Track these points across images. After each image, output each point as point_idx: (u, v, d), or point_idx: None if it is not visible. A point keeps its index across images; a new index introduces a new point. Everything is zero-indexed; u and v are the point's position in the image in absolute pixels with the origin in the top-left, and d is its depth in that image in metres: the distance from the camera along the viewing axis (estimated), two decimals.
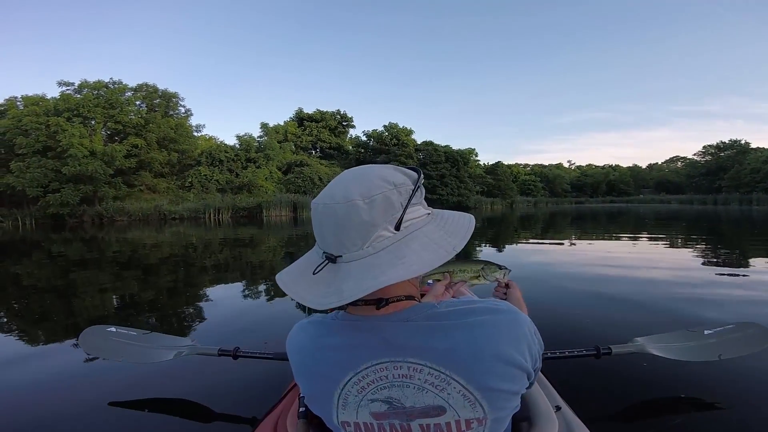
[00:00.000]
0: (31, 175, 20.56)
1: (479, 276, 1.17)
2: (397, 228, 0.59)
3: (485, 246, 8.99)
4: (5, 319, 3.60)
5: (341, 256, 0.59)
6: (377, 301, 0.62)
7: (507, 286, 1.17)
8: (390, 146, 35.80)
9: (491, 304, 0.63)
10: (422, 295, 1.23)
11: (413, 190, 0.61)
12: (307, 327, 0.70)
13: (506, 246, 8.92)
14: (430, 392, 0.60)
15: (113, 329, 1.89)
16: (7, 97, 23.96)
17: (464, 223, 0.67)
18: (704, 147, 60.48)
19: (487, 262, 1.18)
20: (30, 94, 23.80)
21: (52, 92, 27.11)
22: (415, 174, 0.64)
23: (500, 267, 1.17)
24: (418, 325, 0.60)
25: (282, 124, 39.22)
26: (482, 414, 0.60)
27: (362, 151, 39.51)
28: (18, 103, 23.47)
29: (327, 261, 0.60)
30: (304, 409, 0.88)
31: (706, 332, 1.69)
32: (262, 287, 4.79)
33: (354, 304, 0.64)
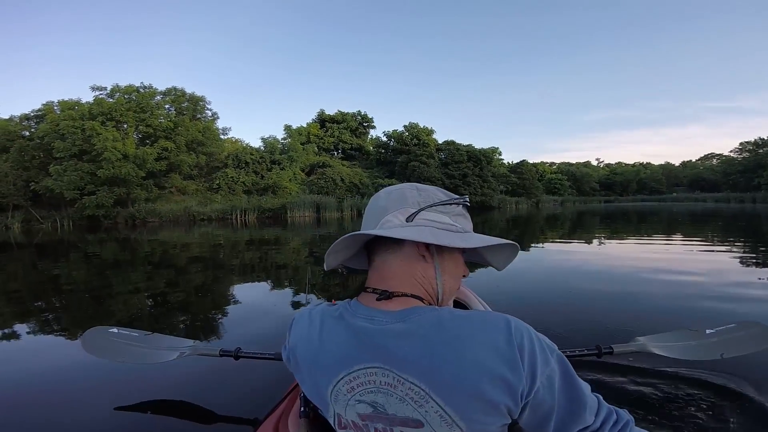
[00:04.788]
0: (69, 178, 21.46)
1: None
2: (409, 220, 0.67)
3: None
4: (31, 322, 3.77)
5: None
6: (382, 292, 0.66)
7: None
8: (410, 146, 35.54)
9: (488, 319, 0.59)
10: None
11: (443, 201, 0.70)
12: (312, 316, 0.71)
13: (531, 246, 8.75)
14: (409, 405, 0.59)
15: (115, 330, 1.86)
16: (44, 102, 24.97)
17: (486, 240, 0.70)
18: (741, 144, 57.93)
19: None
20: (66, 98, 24.72)
21: (86, 96, 28.23)
22: (457, 197, 0.73)
23: None
24: (411, 333, 0.60)
25: (304, 125, 39.57)
26: None
27: (383, 151, 39.45)
28: (55, 108, 24.43)
29: None
30: (305, 409, 0.89)
31: (707, 331, 1.67)
32: (279, 287, 4.88)
33: (365, 290, 0.70)
